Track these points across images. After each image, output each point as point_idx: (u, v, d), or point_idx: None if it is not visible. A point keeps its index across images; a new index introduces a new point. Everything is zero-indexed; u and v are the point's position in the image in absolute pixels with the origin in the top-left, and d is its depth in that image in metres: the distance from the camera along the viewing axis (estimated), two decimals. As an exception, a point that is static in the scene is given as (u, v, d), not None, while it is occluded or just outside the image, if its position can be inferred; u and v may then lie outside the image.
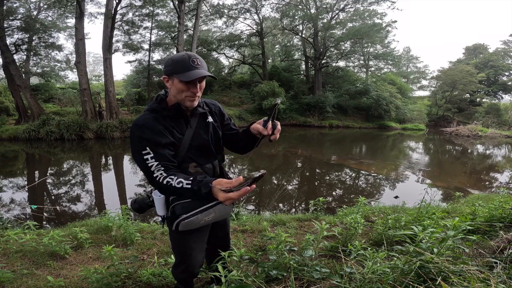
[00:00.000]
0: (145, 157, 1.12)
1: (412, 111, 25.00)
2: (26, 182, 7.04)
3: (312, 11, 23.92)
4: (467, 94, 29.41)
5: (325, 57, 24.54)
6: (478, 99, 31.00)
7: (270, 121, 1.21)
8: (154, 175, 1.10)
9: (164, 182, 1.07)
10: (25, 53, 18.33)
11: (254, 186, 0.92)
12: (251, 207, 5.47)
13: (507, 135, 19.51)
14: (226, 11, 23.65)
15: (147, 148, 1.13)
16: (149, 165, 1.11)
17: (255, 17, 24.68)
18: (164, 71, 1.24)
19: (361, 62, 29.62)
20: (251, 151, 1.40)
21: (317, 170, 9.08)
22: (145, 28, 20.94)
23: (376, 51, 27.66)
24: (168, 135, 1.20)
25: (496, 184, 7.79)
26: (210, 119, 1.39)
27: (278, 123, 1.23)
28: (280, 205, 5.57)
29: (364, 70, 30.57)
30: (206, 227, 1.46)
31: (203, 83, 1.26)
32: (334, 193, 6.87)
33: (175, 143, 1.23)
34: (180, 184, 1.04)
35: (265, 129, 1.22)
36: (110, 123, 13.54)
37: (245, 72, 32.14)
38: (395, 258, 1.52)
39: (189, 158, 1.28)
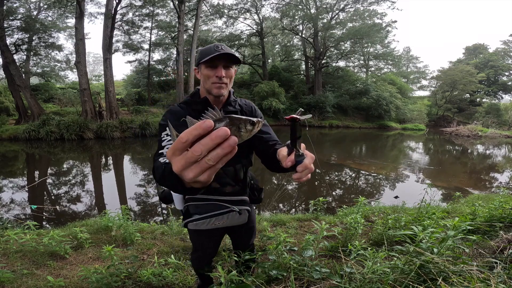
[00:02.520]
0: (163, 138, 1.09)
1: (412, 111, 25.01)
2: (26, 182, 7.04)
3: (312, 11, 23.93)
4: (467, 94, 29.42)
5: (325, 57, 24.55)
6: (478, 99, 31.01)
7: (294, 148, 0.82)
8: (159, 153, 1.01)
9: (159, 158, 0.96)
10: (25, 53, 18.35)
11: (227, 132, 0.43)
12: (251, 207, 5.46)
13: (507, 135, 19.50)
14: (226, 11, 23.69)
15: (167, 129, 1.11)
16: (162, 144, 1.06)
17: (255, 17, 24.73)
18: (195, 64, 1.29)
19: (361, 62, 29.65)
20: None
21: (317, 170, 9.08)
22: (145, 28, 20.99)
23: (376, 51, 27.69)
24: None
25: (496, 184, 7.79)
26: None
27: (308, 155, 0.80)
28: (280, 205, 5.56)
29: (364, 70, 30.60)
30: (220, 230, 1.46)
31: (231, 71, 1.25)
32: (334, 193, 6.87)
33: None
34: (164, 160, 0.93)
35: (286, 156, 0.85)
36: (110, 123, 13.54)
37: (245, 72, 32.15)
38: (395, 258, 1.52)
39: None
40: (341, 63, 27.52)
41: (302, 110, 0.85)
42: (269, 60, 30.65)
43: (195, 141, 0.44)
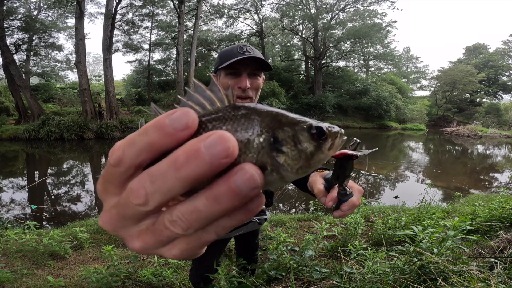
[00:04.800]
0: None
1: (412, 111, 25.04)
2: (26, 182, 7.04)
3: (312, 11, 23.94)
4: (467, 94, 29.44)
5: (325, 57, 24.56)
6: (478, 99, 31.04)
7: (337, 186, 0.66)
8: None
9: None
10: (25, 53, 18.36)
11: (227, 147, 0.17)
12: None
13: (507, 135, 19.51)
14: (226, 11, 23.71)
15: None
16: None
17: (255, 17, 24.75)
18: (213, 70, 1.03)
19: (361, 62, 29.68)
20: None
21: (317, 170, 9.06)
22: (145, 28, 21.01)
23: (376, 51, 27.73)
24: None
25: (496, 184, 7.78)
26: None
27: (355, 190, 0.67)
28: (280, 205, 5.56)
29: (364, 70, 30.62)
30: (228, 239, 1.45)
31: (259, 80, 0.97)
32: (334, 193, 6.86)
33: None
34: None
35: (325, 193, 0.68)
36: (110, 123, 13.54)
37: (245, 72, 32.12)
38: (395, 258, 1.52)
39: None
40: (341, 63, 27.58)
41: (358, 140, 0.64)
42: (269, 60, 30.65)
43: (150, 164, 0.19)
